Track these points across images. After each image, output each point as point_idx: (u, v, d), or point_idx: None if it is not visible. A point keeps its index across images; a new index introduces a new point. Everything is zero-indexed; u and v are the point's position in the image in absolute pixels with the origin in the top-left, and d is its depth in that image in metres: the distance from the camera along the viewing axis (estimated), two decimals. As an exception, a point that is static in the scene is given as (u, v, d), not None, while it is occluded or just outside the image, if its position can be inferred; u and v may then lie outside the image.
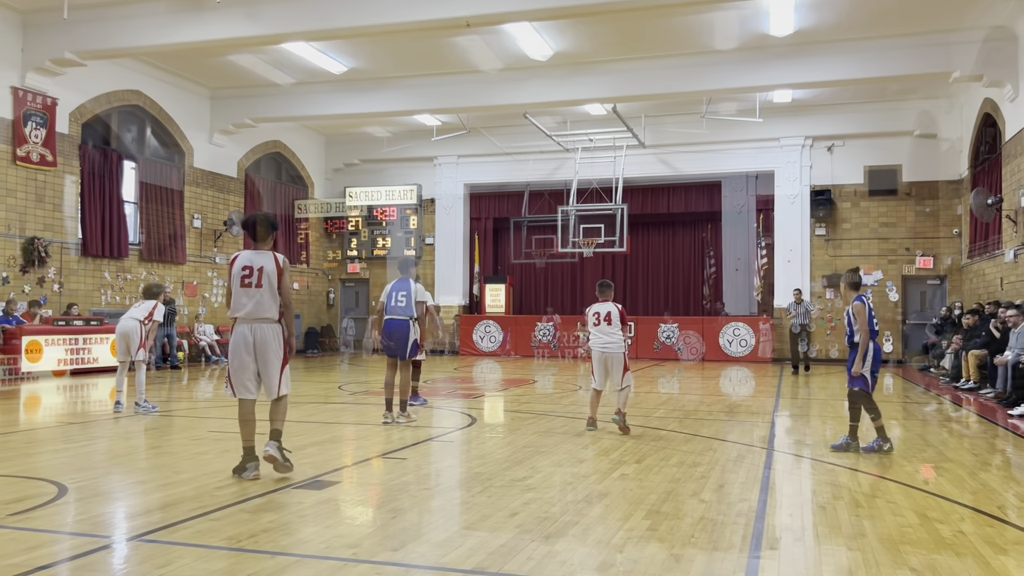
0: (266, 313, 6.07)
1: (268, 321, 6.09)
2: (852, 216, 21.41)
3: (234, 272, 6.13)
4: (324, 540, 4.45)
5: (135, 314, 9.90)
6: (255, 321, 6.07)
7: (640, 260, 24.06)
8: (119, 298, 17.61)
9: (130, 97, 18.07)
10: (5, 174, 15.14)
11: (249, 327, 6.07)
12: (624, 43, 16.38)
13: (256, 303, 6.05)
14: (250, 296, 6.06)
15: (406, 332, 8.94)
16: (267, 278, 6.06)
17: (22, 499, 5.31)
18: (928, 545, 4.48)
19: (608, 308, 8.58)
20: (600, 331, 8.52)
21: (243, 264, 6.11)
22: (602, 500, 5.47)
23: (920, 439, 8.37)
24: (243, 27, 14.19)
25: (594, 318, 8.59)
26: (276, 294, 6.10)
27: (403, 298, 8.94)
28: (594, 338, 8.57)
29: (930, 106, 20.04)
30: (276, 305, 6.11)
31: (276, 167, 23.51)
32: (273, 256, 6.16)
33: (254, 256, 6.16)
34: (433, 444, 7.92)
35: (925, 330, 19.58)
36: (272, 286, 6.07)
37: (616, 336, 8.49)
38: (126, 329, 9.88)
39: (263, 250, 6.22)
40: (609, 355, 8.49)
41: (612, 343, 8.48)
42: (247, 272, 6.08)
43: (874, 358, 7.44)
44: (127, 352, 9.91)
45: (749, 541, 4.54)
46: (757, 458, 7.15)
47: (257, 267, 6.08)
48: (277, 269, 6.10)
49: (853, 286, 7.67)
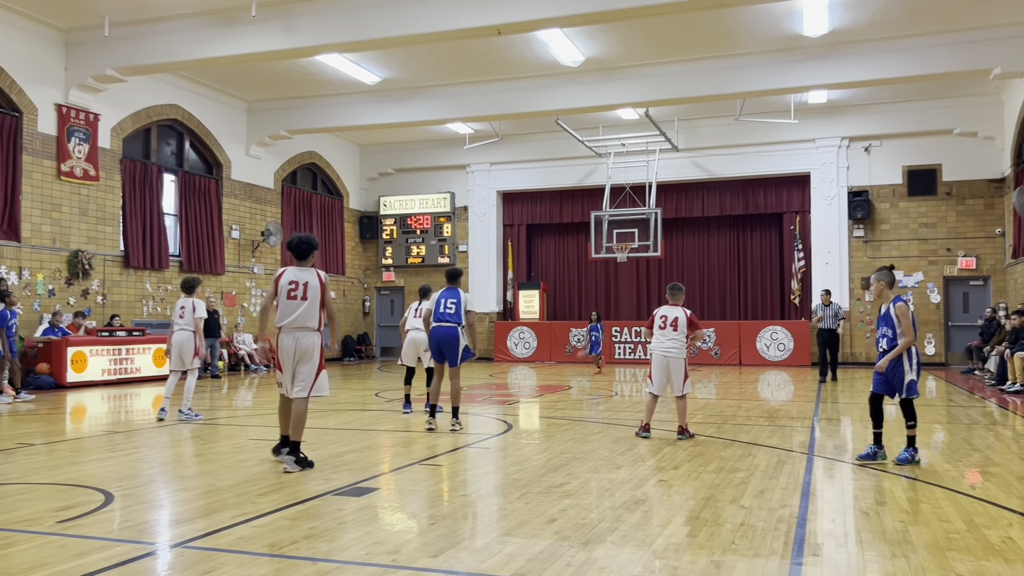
0: (309, 323, 6.79)
1: (310, 330, 6.80)
2: (891, 217, 21.09)
3: (281, 285, 6.85)
4: (364, 546, 4.48)
5: (184, 325, 10.08)
6: (298, 330, 6.77)
7: (675, 264, 23.89)
8: (160, 308, 17.94)
9: (169, 111, 18.43)
10: (50, 189, 15.52)
11: (293, 335, 6.77)
12: (656, 47, 16.33)
13: (300, 314, 6.77)
14: (295, 308, 6.78)
15: (456, 339, 9.05)
16: (311, 292, 6.80)
17: (71, 507, 5.43)
18: (976, 551, 4.40)
19: (676, 313, 8.46)
20: (664, 335, 8.45)
21: (290, 279, 6.86)
22: (640, 506, 5.44)
23: (966, 443, 8.21)
24: (279, 40, 14.41)
25: (660, 321, 8.51)
26: (318, 306, 6.82)
27: (452, 305, 9.08)
28: (656, 342, 8.50)
29: (970, 103, 19.67)
30: (317, 316, 6.82)
31: (312, 178, 23.79)
32: (316, 272, 6.91)
33: (299, 272, 6.90)
34: (470, 451, 7.94)
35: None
36: (315, 299, 6.80)
37: (680, 342, 8.40)
38: (179, 340, 10.08)
39: (306, 267, 6.95)
40: (671, 360, 8.41)
41: (674, 348, 8.40)
42: (293, 286, 6.81)
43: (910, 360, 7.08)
44: (180, 362, 10.11)
45: (791, 547, 4.48)
46: (797, 463, 7.06)
47: (302, 282, 6.82)
48: (320, 284, 6.86)
49: (891, 284, 7.32)
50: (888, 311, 7.11)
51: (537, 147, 23.44)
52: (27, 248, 15.07)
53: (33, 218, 15.20)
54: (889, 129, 20.68)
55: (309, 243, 6.99)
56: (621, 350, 22.44)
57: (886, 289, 7.25)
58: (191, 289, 10.24)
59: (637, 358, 22.17)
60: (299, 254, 6.98)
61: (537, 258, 25.44)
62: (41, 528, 4.86)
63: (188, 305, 10.11)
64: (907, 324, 6.99)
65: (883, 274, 7.32)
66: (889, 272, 7.35)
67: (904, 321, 7.00)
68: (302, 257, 6.98)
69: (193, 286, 10.26)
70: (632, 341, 22.37)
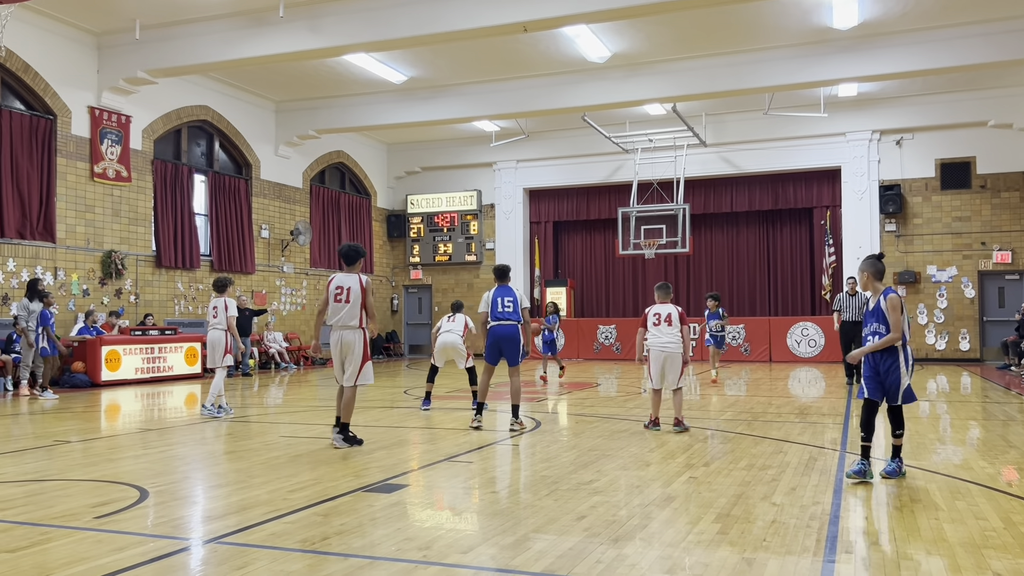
0: (351, 322, 7.72)
1: (352, 328, 7.73)
2: (924, 211, 20.78)
3: (330, 290, 7.78)
4: (395, 542, 4.51)
5: (216, 324, 10.29)
6: (343, 328, 7.72)
7: (703, 260, 23.74)
8: (191, 308, 18.16)
9: (198, 112, 18.64)
10: (84, 190, 15.77)
11: (339, 333, 7.73)
12: (682, 42, 16.22)
13: (344, 315, 7.69)
14: (340, 309, 7.70)
15: (517, 337, 9.06)
16: (353, 296, 7.69)
17: (107, 503, 5.52)
18: (1014, 549, 4.32)
19: (668, 309, 8.75)
20: (660, 331, 8.67)
21: (337, 284, 7.77)
22: (670, 503, 5.42)
23: (1002, 440, 8.07)
24: (306, 40, 14.52)
25: (654, 318, 8.73)
26: (359, 307, 7.69)
27: (510, 303, 9.03)
28: (653, 338, 8.69)
29: (1005, 94, 19.30)
30: (358, 316, 7.71)
31: (340, 177, 23.95)
32: (358, 278, 7.76)
33: (345, 278, 7.78)
34: (498, 447, 7.96)
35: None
36: (356, 301, 7.68)
37: (676, 336, 8.63)
38: (213, 339, 10.33)
39: (352, 273, 7.81)
40: (669, 354, 8.63)
41: (672, 343, 8.63)
42: (339, 291, 7.73)
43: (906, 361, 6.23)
44: (213, 360, 10.35)
45: (823, 545, 4.44)
46: (829, 460, 6.99)
47: (347, 287, 7.71)
48: (361, 288, 7.71)
49: (878, 274, 6.44)
50: (878, 304, 6.25)
51: (564, 144, 23.39)
52: (62, 249, 15.33)
53: (67, 219, 15.46)
54: (921, 122, 20.36)
55: (356, 251, 7.91)
56: (649, 347, 22.29)
57: (873, 280, 6.42)
58: (223, 288, 10.44)
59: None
60: (348, 261, 7.85)
61: (564, 255, 25.40)
62: (79, 524, 4.95)
63: (220, 304, 10.31)
64: (896, 319, 6.12)
65: (868, 263, 6.48)
66: (877, 261, 6.50)
67: (893, 315, 6.13)
68: (350, 263, 7.84)
69: (225, 285, 10.47)
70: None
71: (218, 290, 10.44)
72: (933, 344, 20.58)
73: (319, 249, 22.47)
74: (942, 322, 20.53)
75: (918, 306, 20.66)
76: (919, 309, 20.65)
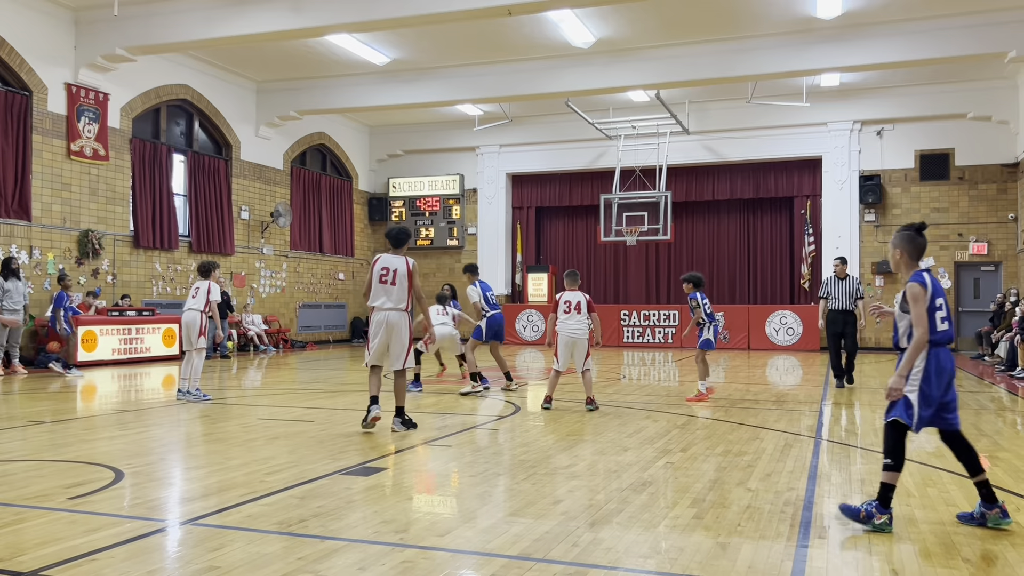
0: (398, 304, 7.59)
1: (398, 310, 7.60)
2: (902, 201, 20.96)
3: (375, 271, 7.64)
4: (372, 525, 4.51)
5: (194, 305, 10.17)
6: (389, 310, 7.57)
7: (684, 248, 23.84)
8: (170, 289, 18.01)
9: (178, 91, 18.41)
10: (60, 168, 15.56)
11: (385, 315, 7.58)
12: (667, 28, 16.21)
13: (390, 296, 7.56)
14: (387, 292, 7.58)
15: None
16: (400, 278, 7.57)
17: (81, 484, 5.48)
18: (982, 536, 4.39)
19: (578, 297, 9.29)
20: (570, 318, 9.23)
21: (383, 265, 7.65)
22: (647, 488, 5.45)
23: (974, 428, 8.19)
24: (288, 20, 14.36)
25: (564, 306, 9.29)
26: (406, 290, 7.59)
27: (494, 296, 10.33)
28: (562, 323, 9.27)
29: (984, 87, 19.47)
30: (405, 298, 7.60)
31: (321, 159, 23.78)
32: (405, 260, 7.67)
33: (392, 259, 7.67)
34: (477, 432, 7.97)
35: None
36: (403, 284, 7.57)
37: (583, 323, 9.23)
38: (187, 320, 10.20)
39: (400, 254, 7.71)
40: (576, 340, 9.25)
41: (579, 329, 9.23)
42: (384, 272, 7.60)
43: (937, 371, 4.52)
44: (188, 342, 10.21)
45: (797, 530, 4.49)
46: (805, 447, 7.06)
47: (393, 268, 7.59)
48: (408, 271, 7.62)
49: (915, 254, 4.72)
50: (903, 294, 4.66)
51: (547, 129, 23.34)
52: (37, 227, 15.13)
53: (43, 197, 15.25)
54: (902, 113, 20.51)
55: (406, 233, 7.88)
56: (630, 334, 22.41)
57: (905, 258, 4.74)
58: (207, 273, 10.36)
59: (646, 342, 22.16)
60: (396, 243, 7.78)
61: (546, 241, 25.40)
62: (52, 504, 4.91)
63: (203, 287, 10.20)
64: (918, 313, 4.51)
65: (900, 237, 4.76)
66: (916, 235, 4.72)
67: (915, 308, 4.52)
68: (398, 245, 7.77)
69: (210, 270, 10.40)
70: (641, 325, 22.34)
71: (203, 275, 10.37)
72: (909, 334, 20.79)
73: (299, 231, 22.33)
74: (918, 312, 20.71)
75: (895, 296, 20.82)
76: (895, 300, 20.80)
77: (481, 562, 3.94)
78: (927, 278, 4.60)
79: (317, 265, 23.07)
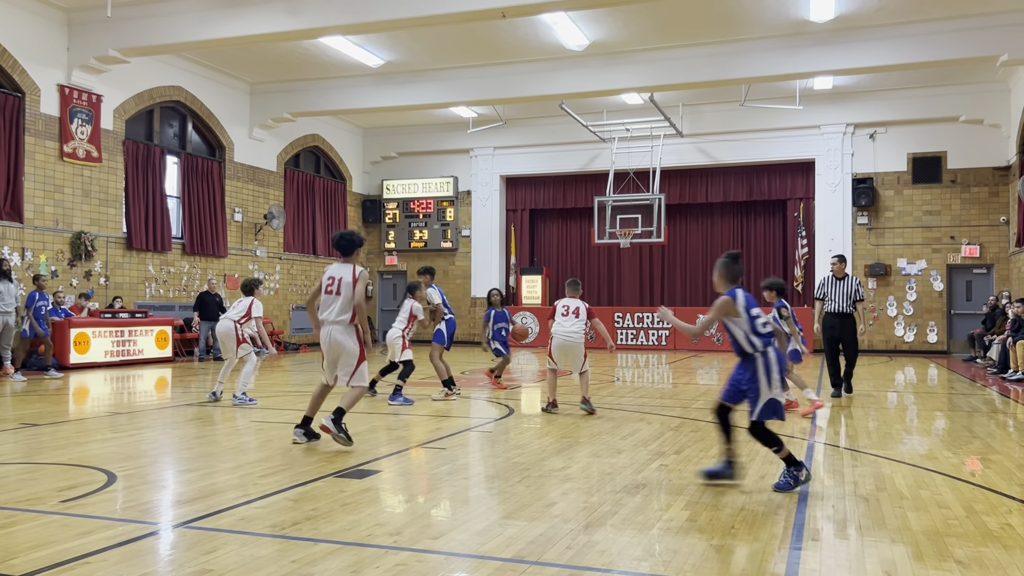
0: (340, 317, 6.96)
1: (341, 323, 6.96)
2: (895, 204, 21.04)
3: (323, 281, 7.08)
4: (366, 528, 4.50)
5: (231, 315, 10.25)
6: (332, 324, 6.98)
7: (678, 250, 23.88)
8: (163, 291, 17.96)
9: (172, 93, 18.37)
10: (53, 170, 15.50)
11: (328, 330, 7.00)
12: (661, 31, 16.24)
13: (334, 308, 6.97)
14: (330, 302, 7.00)
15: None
16: (344, 287, 6.94)
17: (73, 486, 5.45)
18: (975, 538, 4.41)
19: (576, 303, 9.53)
20: (567, 321, 9.42)
21: (328, 275, 7.09)
22: (641, 491, 5.46)
23: (966, 431, 8.22)
24: (283, 22, 14.35)
25: (563, 310, 9.50)
26: (349, 300, 6.93)
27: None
28: (558, 327, 9.43)
29: (977, 90, 19.56)
30: (350, 311, 6.95)
31: (315, 161, 23.75)
32: (352, 268, 7.02)
33: (339, 267, 7.07)
34: (471, 434, 7.96)
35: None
36: (347, 294, 6.92)
37: (580, 327, 9.40)
38: (223, 330, 10.23)
39: (347, 262, 7.07)
40: (572, 344, 9.38)
41: (575, 333, 9.38)
42: (330, 282, 7.03)
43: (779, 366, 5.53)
44: (226, 350, 10.27)
45: (790, 532, 4.50)
46: (798, 449, 7.07)
47: (338, 278, 6.99)
48: (353, 280, 6.94)
49: (731, 277, 5.79)
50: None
51: (541, 132, 23.37)
52: (30, 229, 15.07)
53: (36, 199, 15.20)
54: (894, 116, 20.60)
55: (349, 239, 7.08)
56: (624, 336, 22.43)
57: (722, 281, 5.81)
58: (251, 290, 10.44)
59: (639, 344, 22.18)
60: (341, 250, 7.11)
61: (540, 243, 25.42)
62: (44, 507, 4.88)
63: (245, 302, 10.25)
64: (711, 317, 5.70)
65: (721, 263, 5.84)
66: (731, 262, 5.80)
67: (712, 313, 5.68)
68: (345, 253, 7.09)
69: (252, 287, 10.48)
70: (635, 327, 22.37)
71: (246, 292, 10.43)
72: (902, 336, 20.88)
73: (293, 233, 22.29)
74: (911, 314, 20.83)
75: (888, 299, 20.94)
76: (889, 302, 20.93)
77: (475, 565, 3.94)
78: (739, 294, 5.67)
79: (311, 267, 23.04)
